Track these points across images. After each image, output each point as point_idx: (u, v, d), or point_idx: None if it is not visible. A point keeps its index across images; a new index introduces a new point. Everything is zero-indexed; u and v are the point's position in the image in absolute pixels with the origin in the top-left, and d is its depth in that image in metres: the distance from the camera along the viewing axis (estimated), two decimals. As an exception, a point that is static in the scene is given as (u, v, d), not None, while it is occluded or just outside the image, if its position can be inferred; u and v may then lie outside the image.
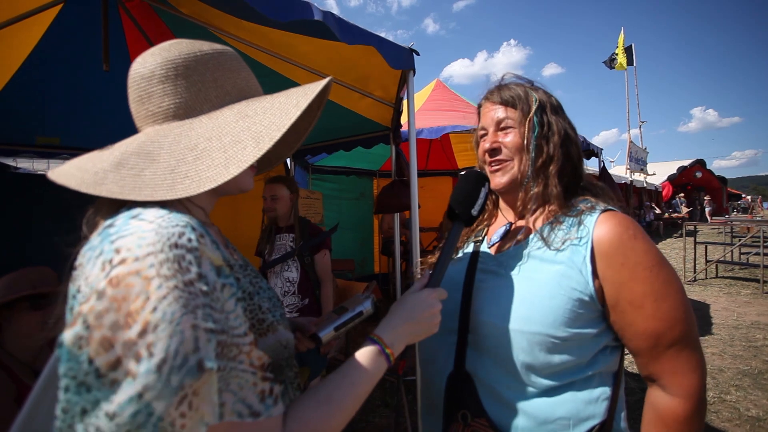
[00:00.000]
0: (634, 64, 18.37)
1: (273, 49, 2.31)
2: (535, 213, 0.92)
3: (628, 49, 18.02)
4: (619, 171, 15.41)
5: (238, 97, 0.65)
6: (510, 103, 0.93)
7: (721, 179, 22.88)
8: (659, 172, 20.04)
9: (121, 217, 0.52)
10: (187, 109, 0.61)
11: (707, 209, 18.47)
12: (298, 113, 0.59)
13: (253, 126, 0.59)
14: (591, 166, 5.71)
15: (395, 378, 2.51)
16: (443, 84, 6.27)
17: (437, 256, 0.90)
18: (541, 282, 0.82)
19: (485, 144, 0.95)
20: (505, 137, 0.92)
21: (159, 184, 0.54)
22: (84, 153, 0.60)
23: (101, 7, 2.08)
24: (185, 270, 0.47)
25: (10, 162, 3.47)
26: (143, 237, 0.47)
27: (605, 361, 0.83)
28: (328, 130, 3.42)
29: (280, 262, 2.58)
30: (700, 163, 21.80)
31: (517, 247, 0.90)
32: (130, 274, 0.44)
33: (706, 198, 19.66)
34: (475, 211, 0.89)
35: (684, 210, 18.13)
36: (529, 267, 0.85)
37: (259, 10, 1.44)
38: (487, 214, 1.05)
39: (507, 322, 0.81)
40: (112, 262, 0.46)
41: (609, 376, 0.84)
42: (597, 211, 0.84)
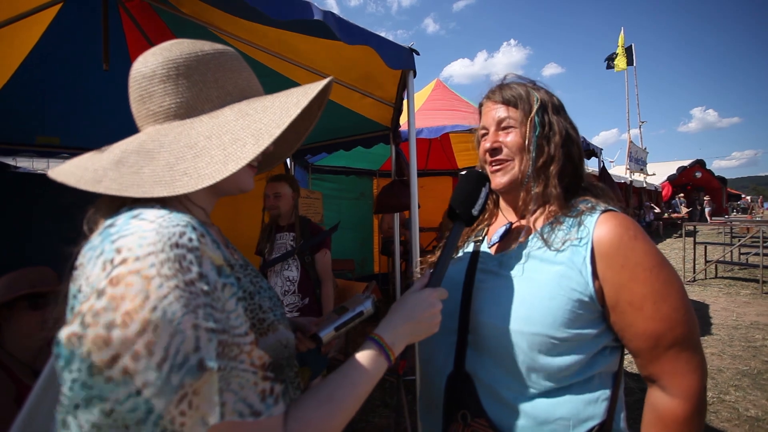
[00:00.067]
0: (634, 64, 18.38)
1: (273, 48, 2.31)
2: (536, 213, 0.91)
3: (628, 50, 18.04)
4: (618, 171, 15.42)
5: (239, 96, 0.65)
6: (511, 102, 0.93)
7: (721, 179, 22.87)
8: (659, 173, 20.04)
9: (121, 217, 0.52)
10: (188, 108, 0.61)
11: (707, 209, 18.45)
12: (298, 111, 0.59)
13: (252, 124, 0.59)
14: (591, 166, 5.72)
15: (395, 378, 2.50)
16: (443, 84, 6.25)
17: (438, 255, 0.90)
18: (541, 282, 0.81)
19: (486, 143, 0.95)
20: (506, 137, 0.92)
21: (157, 181, 0.54)
22: (84, 153, 0.60)
23: (101, 7, 2.08)
24: (186, 270, 0.47)
25: (10, 161, 3.46)
26: (144, 237, 0.47)
27: (605, 361, 0.82)
28: (328, 130, 3.42)
29: (281, 260, 2.58)
30: (699, 164, 21.78)
31: (517, 248, 0.90)
32: (130, 274, 0.44)
33: (705, 198, 19.63)
34: (475, 211, 0.89)
35: (684, 210, 18.11)
36: (529, 267, 0.85)
37: (260, 10, 1.44)
38: (488, 214, 1.05)
39: (507, 322, 0.81)
40: (113, 262, 0.46)
41: (609, 377, 0.84)
42: (597, 212, 0.84)
